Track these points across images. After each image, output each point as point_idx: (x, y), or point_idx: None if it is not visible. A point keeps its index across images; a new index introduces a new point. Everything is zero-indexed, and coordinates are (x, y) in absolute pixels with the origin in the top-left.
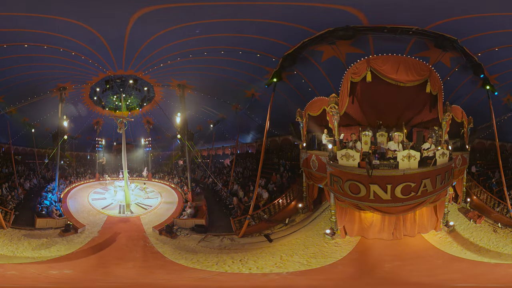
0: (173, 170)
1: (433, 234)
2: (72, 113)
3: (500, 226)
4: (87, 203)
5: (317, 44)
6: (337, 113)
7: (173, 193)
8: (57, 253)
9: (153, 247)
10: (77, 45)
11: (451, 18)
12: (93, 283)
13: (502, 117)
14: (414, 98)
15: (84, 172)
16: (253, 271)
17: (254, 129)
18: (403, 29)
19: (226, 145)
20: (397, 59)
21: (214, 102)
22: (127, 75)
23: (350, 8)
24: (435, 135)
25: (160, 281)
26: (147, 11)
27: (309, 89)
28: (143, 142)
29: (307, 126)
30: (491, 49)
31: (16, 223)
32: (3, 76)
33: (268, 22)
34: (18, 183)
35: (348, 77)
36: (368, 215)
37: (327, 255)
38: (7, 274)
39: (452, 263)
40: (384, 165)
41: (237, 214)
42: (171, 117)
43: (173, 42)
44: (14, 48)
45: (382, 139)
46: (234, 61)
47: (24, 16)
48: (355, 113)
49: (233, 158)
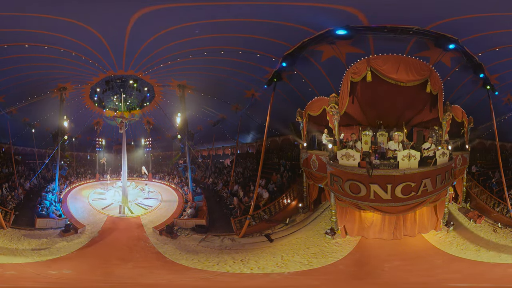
0: (173, 171)
1: (433, 234)
2: (72, 113)
3: (500, 226)
4: (87, 203)
5: (317, 44)
6: (337, 113)
7: (174, 193)
8: (57, 253)
9: (154, 247)
10: (78, 45)
11: (452, 18)
12: (93, 283)
13: (503, 117)
14: (414, 98)
15: (84, 172)
16: (255, 271)
17: (254, 129)
18: (403, 29)
19: (226, 145)
20: (397, 58)
21: (214, 102)
22: (128, 76)
23: (350, 8)
24: (435, 135)
25: (161, 281)
26: (148, 11)
27: (309, 89)
28: (143, 142)
29: (307, 126)
30: (491, 49)
31: (16, 223)
32: (4, 76)
33: (268, 22)
34: (18, 183)
35: (348, 77)
36: (369, 215)
37: (328, 255)
38: (6, 274)
39: (451, 263)
40: (384, 165)
41: (238, 214)
42: (172, 117)
43: (173, 42)
44: (14, 48)
45: (382, 138)
46: (234, 61)
47: (25, 16)
48: (355, 113)
49: (233, 158)
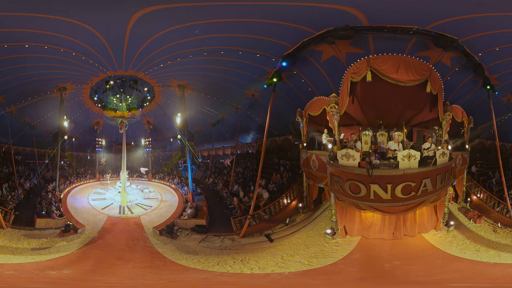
0: (173, 171)
1: (433, 233)
2: (72, 113)
3: (500, 226)
4: (87, 203)
5: (317, 44)
6: (337, 113)
7: (174, 193)
8: (56, 253)
9: (153, 248)
10: (78, 46)
11: (452, 18)
12: (92, 283)
13: (503, 117)
14: (414, 98)
15: (84, 172)
16: (255, 271)
17: (254, 129)
18: (403, 29)
19: (226, 145)
20: (397, 58)
21: (214, 102)
22: (127, 76)
23: (350, 8)
24: (435, 135)
25: (161, 281)
26: (148, 11)
27: (309, 89)
28: (143, 142)
29: (307, 126)
30: (491, 49)
31: (16, 223)
32: (4, 76)
33: (268, 22)
34: (18, 183)
35: (348, 76)
36: (369, 214)
37: (328, 255)
38: (5, 274)
39: (451, 263)
40: (384, 165)
41: (238, 214)
42: (172, 118)
43: (173, 42)
44: (14, 48)
45: (382, 138)
46: (234, 61)
47: (25, 16)
48: (355, 112)
49: (233, 158)
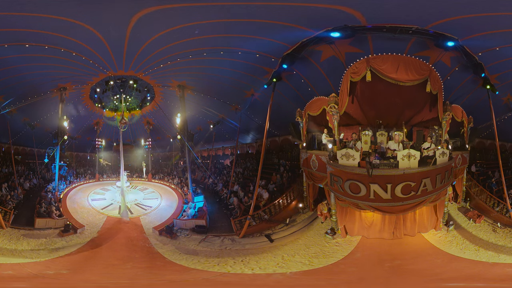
0: (173, 171)
1: (433, 233)
2: (72, 113)
3: (500, 225)
4: (87, 203)
5: (316, 44)
6: (337, 113)
7: (173, 193)
8: (56, 253)
9: (153, 248)
10: (78, 46)
11: (451, 18)
12: (92, 283)
13: (502, 116)
14: (414, 98)
15: (84, 172)
16: (256, 271)
17: (254, 129)
18: (403, 29)
19: (226, 145)
20: (397, 58)
21: (213, 103)
22: (128, 76)
23: (350, 9)
24: (435, 135)
25: (161, 282)
26: (148, 11)
27: (309, 89)
28: (143, 142)
29: (307, 126)
30: (491, 49)
31: (15, 223)
32: (4, 76)
33: (268, 22)
34: (18, 183)
35: (348, 76)
36: (369, 214)
37: (329, 255)
38: (3, 273)
39: (451, 262)
40: (384, 165)
41: (238, 215)
42: (171, 118)
43: (173, 42)
44: (15, 48)
45: (382, 138)
46: (233, 61)
47: (25, 16)
48: (355, 112)
49: (233, 159)
